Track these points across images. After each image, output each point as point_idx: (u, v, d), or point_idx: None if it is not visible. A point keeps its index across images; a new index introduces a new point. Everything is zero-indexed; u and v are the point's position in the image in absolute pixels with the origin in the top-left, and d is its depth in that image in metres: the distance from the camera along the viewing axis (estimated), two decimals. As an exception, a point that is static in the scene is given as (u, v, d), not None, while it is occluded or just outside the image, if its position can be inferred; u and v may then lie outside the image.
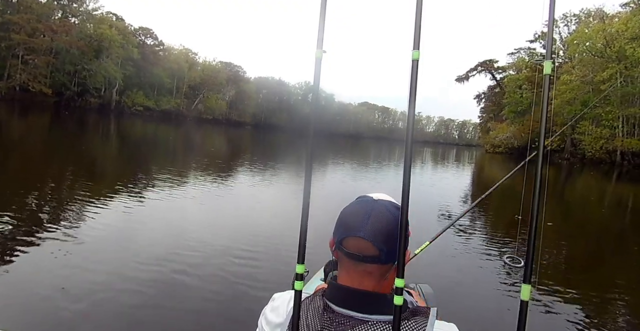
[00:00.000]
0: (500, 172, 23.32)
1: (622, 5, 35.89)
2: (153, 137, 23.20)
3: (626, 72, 30.52)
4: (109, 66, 50.73)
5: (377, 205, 0.76)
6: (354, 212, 0.76)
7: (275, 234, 4.93)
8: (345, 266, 0.76)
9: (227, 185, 8.62)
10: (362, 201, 0.78)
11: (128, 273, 3.31)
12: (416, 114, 0.75)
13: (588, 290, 3.68)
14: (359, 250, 0.73)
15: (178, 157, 14.14)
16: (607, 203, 11.80)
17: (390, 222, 0.73)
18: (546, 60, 0.89)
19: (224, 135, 34.33)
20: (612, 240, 6.76)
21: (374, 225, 0.73)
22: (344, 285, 0.75)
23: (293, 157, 20.71)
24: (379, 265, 0.73)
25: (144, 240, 4.32)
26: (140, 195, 6.36)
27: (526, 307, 0.76)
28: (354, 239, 0.73)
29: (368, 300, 0.73)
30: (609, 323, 2.84)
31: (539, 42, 46.96)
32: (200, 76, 64.52)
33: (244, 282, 3.34)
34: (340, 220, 0.77)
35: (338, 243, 0.76)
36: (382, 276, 0.74)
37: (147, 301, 2.86)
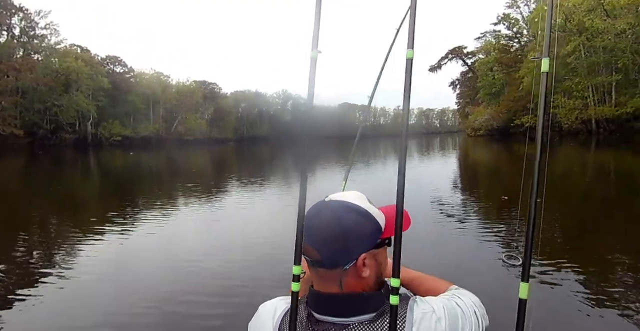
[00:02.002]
0: (486, 156, 23.71)
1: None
2: (134, 166, 22.80)
3: (588, 43, 31.50)
4: (80, 99, 49.80)
5: (324, 207, 0.75)
6: (306, 216, 0.75)
7: (273, 252, 4.87)
8: (310, 271, 0.76)
9: (215, 207, 8.51)
10: (316, 203, 0.78)
11: (127, 311, 3.21)
12: (395, 108, 0.75)
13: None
14: (307, 254, 0.73)
15: (162, 185, 13.92)
16: (591, 173, 12.07)
17: (330, 224, 0.71)
18: (543, 57, 0.91)
19: (207, 155, 34.02)
20: (602, 212, 6.89)
21: (315, 228, 0.72)
22: (317, 291, 0.74)
23: (279, 168, 20.64)
24: (325, 270, 0.72)
25: (139, 274, 4.22)
26: (129, 227, 6.22)
27: (525, 305, 0.77)
28: (304, 244, 0.72)
29: (343, 302, 0.71)
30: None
31: (502, 23, 48.19)
32: (175, 98, 63.88)
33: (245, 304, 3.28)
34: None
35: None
36: (336, 282, 0.71)
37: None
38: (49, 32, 49.85)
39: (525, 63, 37.38)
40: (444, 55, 55.86)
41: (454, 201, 7.84)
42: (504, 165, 16.34)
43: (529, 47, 40.06)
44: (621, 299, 3.08)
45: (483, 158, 22.22)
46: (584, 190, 8.98)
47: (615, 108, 30.48)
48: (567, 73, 33.65)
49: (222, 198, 9.29)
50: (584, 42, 31.57)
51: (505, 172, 13.76)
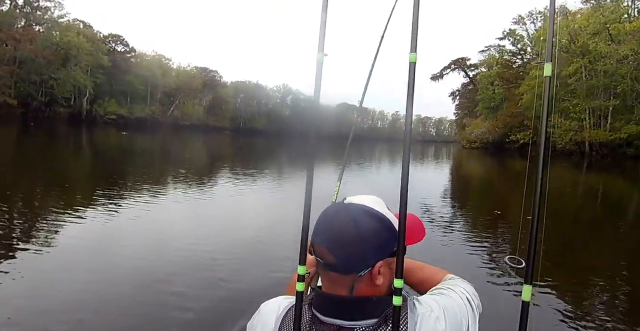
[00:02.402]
0: (478, 168, 23.90)
1: (583, 2, 37.52)
2: (127, 147, 22.54)
3: (590, 66, 31.87)
4: (77, 74, 49.10)
5: (343, 209, 0.73)
6: (321, 216, 0.74)
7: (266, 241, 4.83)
8: (320, 272, 0.75)
9: (206, 196, 8.44)
10: (333, 205, 0.76)
11: (106, 287, 3.15)
12: (394, 113, 0.75)
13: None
14: (321, 256, 0.71)
15: (153, 168, 13.77)
16: (581, 194, 12.23)
17: (349, 228, 0.69)
18: (546, 62, 0.91)
19: (202, 141, 33.78)
20: (588, 231, 6.98)
21: (332, 231, 0.70)
22: (326, 293, 0.72)
23: (274, 162, 20.60)
24: (339, 275, 0.70)
25: (122, 251, 4.15)
26: (116, 207, 6.12)
27: (527, 308, 0.77)
28: (317, 245, 0.72)
29: (351, 306, 0.70)
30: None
31: (507, 39, 48.55)
32: (174, 82, 63.34)
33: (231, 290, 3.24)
34: (315, 223, 0.75)
35: (311, 248, 0.74)
36: (347, 287, 0.70)
37: (128, 319, 2.72)
38: (52, 4, 49.07)
39: (526, 80, 37.74)
40: (447, 65, 56.12)
41: (444, 211, 7.89)
42: (497, 180, 16.47)
43: (531, 64, 40.41)
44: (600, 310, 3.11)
45: (478, 171, 22.39)
46: (573, 210, 9.09)
47: (610, 133, 30.91)
48: (566, 94, 34.04)
49: (214, 187, 9.21)
50: (586, 65, 31.93)
51: (499, 186, 13.88)
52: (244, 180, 10.75)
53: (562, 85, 34.09)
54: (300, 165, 18.01)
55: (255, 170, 13.80)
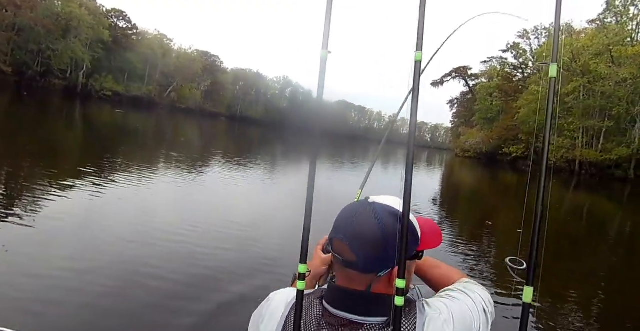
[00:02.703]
0: (470, 179, 24.10)
1: (588, 22, 37.87)
2: (121, 125, 22.23)
3: (589, 86, 32.25)
4: (76, 47, 48.12)
5: (367, 208, 0.72)
6: (344, 212, 0.75)
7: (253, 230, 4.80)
8: (335, 268, 0.75)
9: (197, 182, 8.37)
10: (357, 202, 0.76)
11: (86, 266, 3.10)
12: (391, 115, 0.74)
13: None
14: (340, 253, 0.71)
15: (146, 148, 13.62)
16: (566, 211, 12.42)
17: (372, 228, 0.69)
18: (552, 63, 0.88)
19: (197, 126, 33.47)
20: (570, 246, 7.10)
21: (354, 229, 0.70)
22: (341, 287, 0.73)
23: (268, 153, 20.52)
24: (358, 273, 0.70)
25: (106, 229, 4.09)
26: (104, 185, 6.03)
27: (528, 309, 0.76)
28: (337, 241, 0.72)
29: (364, 302, 0.70)
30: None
31: (510, 52, 48.83)
32: (174, 64, 62.49)
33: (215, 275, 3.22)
34: (336, 219, 0.75)
35: (330, 243, 0.74)
36: (364, 285, 0.70)
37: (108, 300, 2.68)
38: (57, -28, 47.84)
39: (525, 95, 38.07)
40: (448, 73, 56.29)
41: (436, 217, 7.94)
42: (489, 191, 16.63)
43: (531, 79, 40.77)
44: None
45: (470, 181, 22.59)
46: (559, 226, 9.23)
47: (601, 153, 31.39)
48: (562, 112, 34.43)
49: (206, 174, 9.14)
50: (585, 85, 32.30)
51: (490, 198, 14.01)
52: (236, 169, 10.68)
53: (559, 102, 34.42)
54: (294, 158, 17.95)
55: (249, 159, 13.73)
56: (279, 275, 3.40)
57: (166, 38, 64.79)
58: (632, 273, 5.46)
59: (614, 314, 3.37)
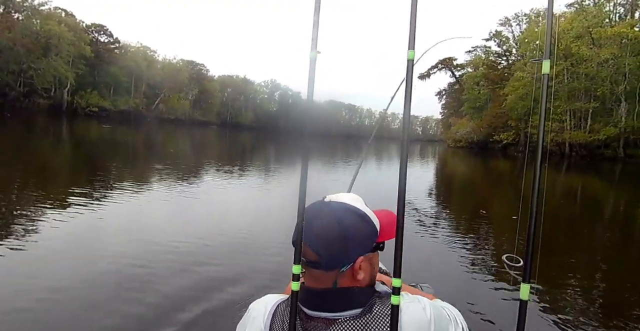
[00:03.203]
0: (463, 167, 24.28)
1: (567, 6, 38.34)
2: (110, 140, 22.05)
3: (572, 69, 32.65)
4: (58, 65, 47.63)
5: (324, 208, 0.74)
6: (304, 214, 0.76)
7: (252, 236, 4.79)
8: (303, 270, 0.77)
9: (190, 192, 8.33)
10: (314, 203, 0.77)
11: (85, 285, 3.07)
12: (381, 111, 0.76)
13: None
14: (303, 254, 0.72)
15: (136, 162, 13.53)
16: (560, 193, 12.58)
17: (330, 226, 0.71)
18: (544, 59, 0.92)
19: (187, 136, 33.29)
20: (565, 229, 7.18)
21: (314, 229, 0.71)
22: (310, 287, 0.74)
23: (261, 157, 20.49)
24: (322, 272, 0.71)
25: (104, 247, 4.06)
26: (95, 203, 5.98)
27: (525, 307, 0.77)
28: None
29: (334, 298, 0.71)
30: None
31: (493, 40, 49.29)
32: (160, 75, 62.11)
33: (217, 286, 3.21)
34: (296, 223, 0.75)
35: (292, 246, 0.74)
36: (330, 283, 0.71)
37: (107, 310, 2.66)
38: (33, -9, 47.32)
39: (511, 81, 38.46)
40: (434, 65, 56.67)
41: (431, 209, 7.98)
42: (482, 180, 16.76)
43: (515, 66, 41.19)
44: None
45: (464, 170, 22.73)
46: (553, 210, 9.33)
47: (589, 134, 31.80)
48: (549, 95, 34.78)
49: (198, 183, 9.09)
50: (568, 67, 32.70)
51: (484, 186, 14.13)
52: (228, 176, 10.65)
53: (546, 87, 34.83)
54: (286, 161, 17.94)
55: (240, 165, 13.69)
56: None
57: (149, 49, 64.46)
58: (630, 256, 5.54)
59: (616, 306, 3.40)
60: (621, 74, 29.87)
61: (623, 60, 29.25)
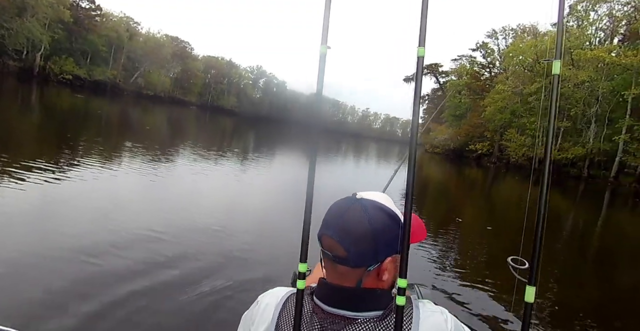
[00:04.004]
0: (439, 174, 24.79)
1: (552, 25, 39.57)
2: (82, 111, 21.06)
3: (550, 87, 33.78)
4: (33, 26, 44.81)
5: (355, 203, 0.74)
6: (332, 209, 0.75)
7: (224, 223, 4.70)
8: (325, 265, 0.76)
9: (164, 173, 8.09)
10: (344, 199, 0.77)
11: (37, 259, 2.92)
12: (365, 110, 0.75)
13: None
14: (330, 249, 0.72)
15: (108, 137, 13.00)
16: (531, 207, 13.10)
17: (362, 223, 0.71)
18: (555, 59, 0.87)
19: (165, 114, 32.29)
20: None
21: (345, 225, 0.71)
22: (333, 284, 0.73)
23: (240, 144, 20.18)
24: (348, 268, 0.71)
25: (63, 221, 3.87)
26: (59, 175, 5.70)
27: (530, 309, 0.77)
28: (326, 237, 0.73)
29: (356, 297, 0.71)
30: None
31: (479, 51, 50.32)
32: (142, 48, 59.69)
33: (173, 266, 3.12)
34: (324, 216, 0.76)
35: (318, 240, 0.75)
36: (356, 280, 0.71)
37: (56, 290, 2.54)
38: (11, -57, 44.11)
39: (491, 93, 39.49)
40: (421, 69, 57.19)
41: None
42: (455, 188, 17.18)
43: (498, 78, 42.29)
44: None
45: (439, 177, 23.20)
46: (517, 219, 9.70)
47: (558, 152, 33.16)
48: (525, 111, 36.05)
49: (173, 165, 8.84)
50: (547, 85, 33.72)
51: (457, 194, 14.49)
52: (204, 160, 10.42)
53: (522, 102, 36.06)
54: (265, 149, 17.74)
55: (219, 151, 13.42)
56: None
57: (133, 21, 61.67)
58: (587, 265, 5.83)
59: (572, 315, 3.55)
60: (594, 97, 31.23)
61: (598, 83, 30.57)
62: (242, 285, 3.02)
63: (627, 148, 28.15)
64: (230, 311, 2.57)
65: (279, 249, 4.02)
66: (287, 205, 6.25)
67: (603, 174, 30.65)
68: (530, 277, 0.79)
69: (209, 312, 2.59)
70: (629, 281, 5.29)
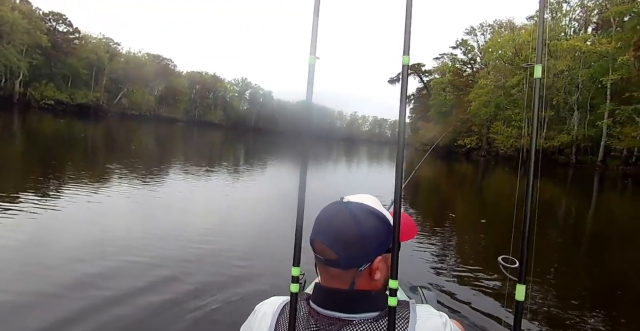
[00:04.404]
0: (429, 171, 24.92)
1: (527, 18, 40.50)
2: (66, 135, 20.78)
3: (531, 79, 34.41)
4: (10, 53, 44.38)
5: (343, 207, 0.76)
6: (321, 215, 0.77)
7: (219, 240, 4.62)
8: (319, 269, 0.78)
9: (154, 193, 7.98)
10: (332, 203, 0.79)
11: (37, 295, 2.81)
12: (352, 114, 0.77)
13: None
14: (322, 253, 0.74)
15: (95, 159, 12.82)
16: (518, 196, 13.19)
17: (350, 227, 0.73)
18: (536, 64, 0.94)
19: (152, 133, 32.02)
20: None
21: (333, 229, 0.74)
22: (327, 287, 0.75)
23: (230, 157, 20.08)
24: (340, 270, 0.73)
25: (58, 251, 3.75)
26: (47, 201, 5.57)
27: (521, 307, 0.78)
28: (317, 242, 0.75)
29: (350, 299, 0.73)
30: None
31: (459, 48, 51.14)
32: (123, 68, 59.44)
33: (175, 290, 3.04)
34: (314, 221, 0.78)
35: (310, 245, 0.77)
36: (348, 282, 0.73)
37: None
38: (-18, -27, 43.83)
39: (475, 89, 40.06)
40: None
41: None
42: (446, 183, 17.26)
43: (480, 74, 42.96)
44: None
45: (430, 174, 23.32)
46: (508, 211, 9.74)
47: (545, 141, 33.65)
48: (509, 104, 36.62)
49: (162, 183, 8.72)
50: (527, 77, 34.44)
51: (449, 190, 14.55)
52: (197, 175, 10.31)
53: (506, 94, 36.63)
54: (254, 161, 17.65)
55: (208, 165, 13.31)
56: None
57: (112, 41, 61.52)
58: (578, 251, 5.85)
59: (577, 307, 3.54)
60: (574, 85, 31.88)
61: (576, 71, 31.24)
62: (239, 299, 2.97)
63: (611, 132, 28.69)
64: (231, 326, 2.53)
65: (277, 262, 3.96)
66: (281, 215, 6.20)
67: (590, 159, 31.15)
68: (520, 276, 0.79)
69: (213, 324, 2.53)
70: (622, 265, 5.33)
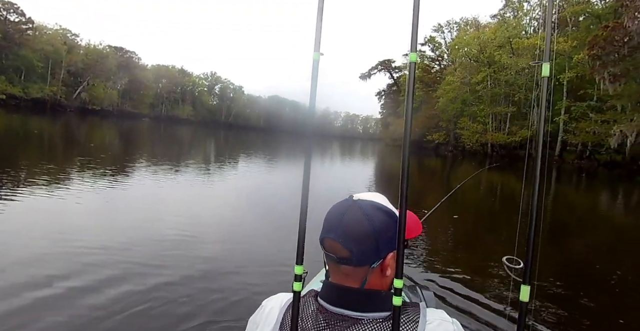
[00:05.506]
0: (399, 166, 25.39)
1: (492, 17, 41.89)
2: (19, 131, 19.45)
3: (494, 75, 35.76)
4: (-46, 43, 40.96)
5: (353, 205, 0.76)
6: (331, 212, 0.77)
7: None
8: (329, 267, 0.78)
9: (115, 190, 7.60)
10: (342, 201, 0.78)
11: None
12: (324, 109, 0.76)
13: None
14: (333, 251, 0.74)
15: (50, 156, 12.07)
16: (483, 188, 13.65)
17: (362, 223, 0.73)
18: (544, 62, 0.91)
19: (114, 129, 30.61)
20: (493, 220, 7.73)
21: (345, 226, 0.74)
22: (337, 284, 0.75)
23: (199, 153, 19.54)
24: (352, 267, 0.73)
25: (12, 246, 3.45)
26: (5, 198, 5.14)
27: (526, 308, 0.78)
28: (328, 240, 0.75)
29: (361, 297, 0.73)
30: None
31: (427, 45, 52.19)
32: (82, 61, 56.35)
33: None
34: (324, 220, 0.78)
35: (320, 244, 0.77)
36: (360, 279, 0.74)
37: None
38: None
39: (442, 85, 41.11)
40: (374, 66, 58.56)
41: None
42: (417, 178, 17.56)
43: (447, 70, 44.09)
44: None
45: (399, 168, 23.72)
46: (476, 203, 10.09)
47: (508, 136, 35.11)
48: (475, 100, 37.85)
49: (124, 181, 8.31)
50: (491, 74, 35.74)
51: (418, 184, 14.80)
52: (162, 172, 9.92)
53: (471, 91, 37.82)
54: (225, 159, 17.26)
55: (175, 161, 12.86)
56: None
57: (70, 33, 58.13)
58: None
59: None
60: (534, 82, 33.37)
61: (536, 69, 32.70)
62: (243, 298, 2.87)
63: (567, 128, 30.31)
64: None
65: (278, 262, 3.85)
66: (275, 215, 6.08)
67: (549, 153, 32.73)
68: (525, 277, 0.79)
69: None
70: (584, 249, 5.60)
